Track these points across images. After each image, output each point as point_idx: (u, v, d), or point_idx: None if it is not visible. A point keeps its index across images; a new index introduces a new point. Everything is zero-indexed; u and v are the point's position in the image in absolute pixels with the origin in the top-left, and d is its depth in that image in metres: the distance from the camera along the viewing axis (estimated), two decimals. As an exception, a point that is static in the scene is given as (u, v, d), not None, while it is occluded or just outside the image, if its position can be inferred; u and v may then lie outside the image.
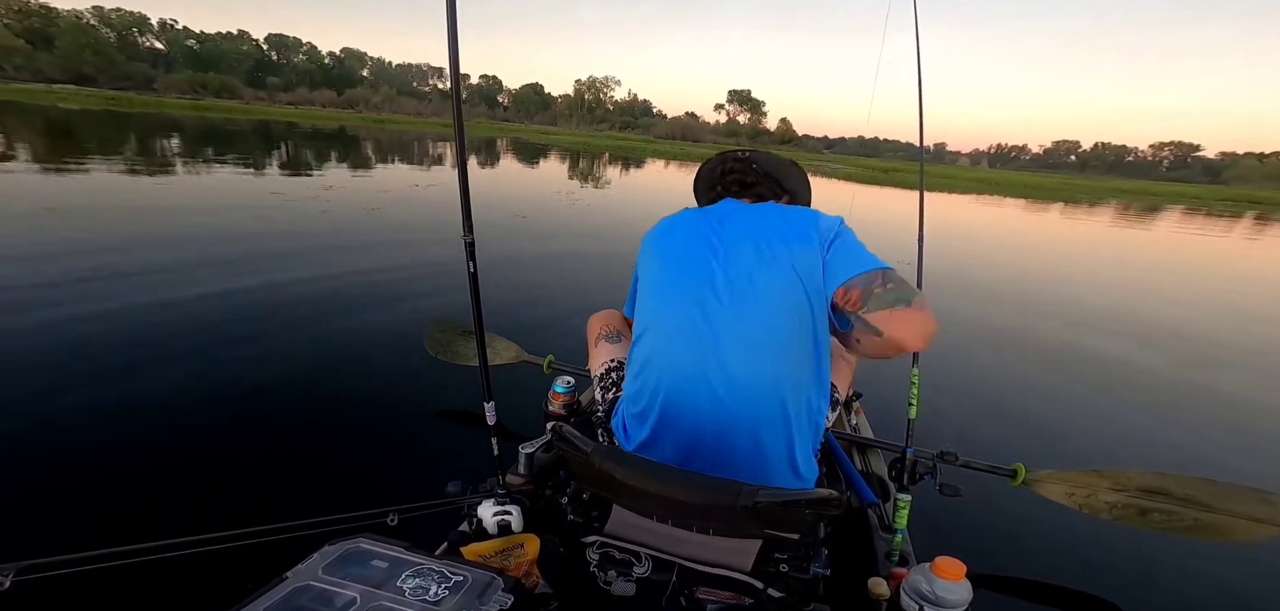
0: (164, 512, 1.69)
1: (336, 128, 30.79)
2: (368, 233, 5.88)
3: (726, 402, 1.00)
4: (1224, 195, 28.24)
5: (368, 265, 4.50)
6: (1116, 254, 10.14)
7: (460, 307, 3.42)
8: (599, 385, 1.39)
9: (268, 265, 4.25)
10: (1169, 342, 4.48)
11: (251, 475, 1.90)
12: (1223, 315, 5.73)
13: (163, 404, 2.25)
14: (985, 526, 1.92)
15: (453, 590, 0.77)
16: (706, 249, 1.08)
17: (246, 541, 0.86)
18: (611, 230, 7.46)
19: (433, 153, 19.24)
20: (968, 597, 0.93)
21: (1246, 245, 12.72)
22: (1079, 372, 3.60)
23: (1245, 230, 16.27)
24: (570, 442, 0.93)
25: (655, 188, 14.97)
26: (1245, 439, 2.86)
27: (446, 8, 0.94)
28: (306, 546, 0.83)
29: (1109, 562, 1.82)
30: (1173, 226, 15.99)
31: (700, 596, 0.97)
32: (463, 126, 1.04)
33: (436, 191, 9.16)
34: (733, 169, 1.26)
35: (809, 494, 0.85)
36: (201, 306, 3.30)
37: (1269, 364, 4.18)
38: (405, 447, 2.14)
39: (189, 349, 2.75)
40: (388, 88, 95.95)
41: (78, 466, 1.84)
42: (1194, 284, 7.63)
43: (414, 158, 16.79)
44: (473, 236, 1.07)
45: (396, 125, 43.35)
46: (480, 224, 1.08)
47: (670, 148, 52.52)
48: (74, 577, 0.70)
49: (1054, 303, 5.61)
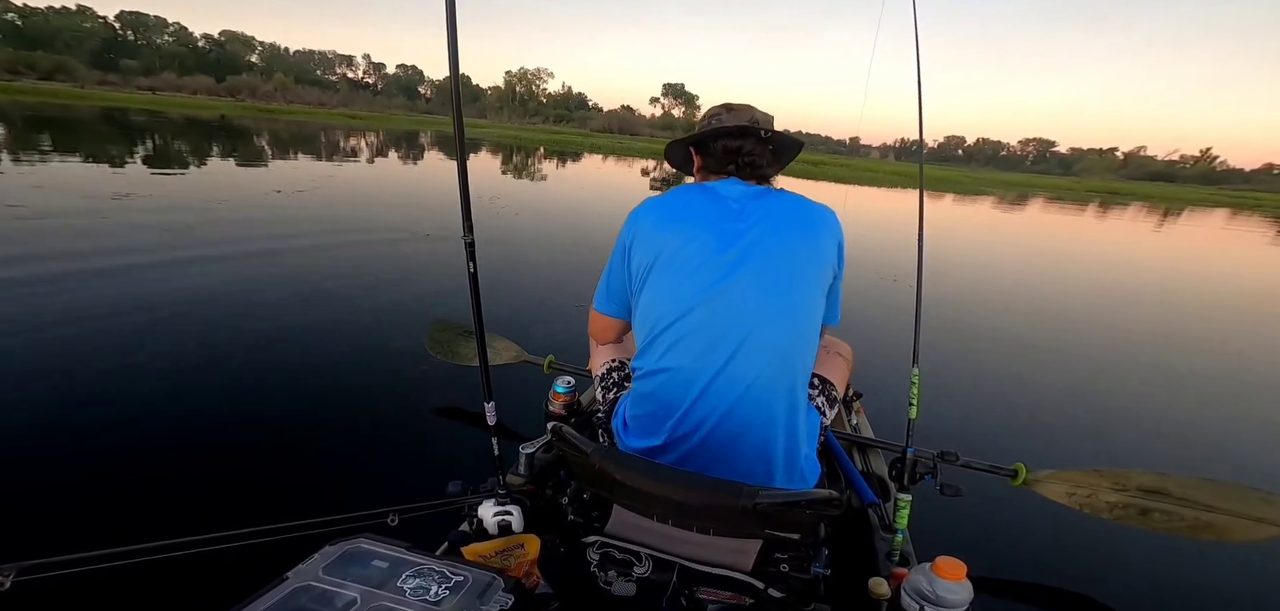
0: (165, 513, 1.69)
1: (217, 117, 28.02)
2: (368, 232, 5.88)
3: (732, 403, 1.00)
4: (1086, 187, 34.77)
5: (369, 264, 4.51)
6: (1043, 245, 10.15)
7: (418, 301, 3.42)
8: (600, 385, 1.38)
9: (268, 266, 4.26)
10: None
11: (252, 475, 1.90)
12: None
13: (163, 404, 2.25)
14: (986, 526, 1.92)
15: (453, 590, 0.77)
16: (722, 243, 1.03)
17: (247, 541, 0.86)
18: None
19: (346, 146, 17.89)
20: (968, 597, 0.92)
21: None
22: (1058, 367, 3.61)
23: (1126, 218, 17.70)
24: (570, 443, 0.93)
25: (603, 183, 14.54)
26: (1245, 437, 2.86)
27: (446, 7, 0.94)
28: (307, 546, 0.83)
29: (1109, 562, 1.82)
30: (1057, 213, 17.32)
31: (701, 596, 0.97)
32: (462, 126, 1.03)
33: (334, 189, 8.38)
34: (750, 152, 1.14)
35: (809, 494, 0.85)
36: (201, 307, 3.30)
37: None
38: (406, 448, 2.14)
39: (189, 350, 2.75)
40: (283, 75, 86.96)
41: (78, 467, 1.84)
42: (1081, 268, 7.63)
43: (320, 152, 15.26)
44: (473, 236, 1.07)
45: (292, 116, 39.32)
46: (427, 223, 1.06)
47: (608, 142, 48.46)
48: (75, 578, 0.70)
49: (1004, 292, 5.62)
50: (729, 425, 1.00)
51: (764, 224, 1.04)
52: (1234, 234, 15.84)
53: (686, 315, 1.02)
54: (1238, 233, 16.37)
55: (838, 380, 1.33)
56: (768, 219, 1.05)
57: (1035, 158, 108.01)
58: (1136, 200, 29.74)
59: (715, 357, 1.00)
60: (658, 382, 1.04)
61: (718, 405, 1.00)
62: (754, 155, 1.14)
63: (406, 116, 67.27)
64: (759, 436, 1.01)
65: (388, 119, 51.66)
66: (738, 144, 1.14)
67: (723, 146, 1.15)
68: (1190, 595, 1.74)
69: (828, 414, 1.26)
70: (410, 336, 2.93)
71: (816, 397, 1.23)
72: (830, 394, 1.27)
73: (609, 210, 9.39)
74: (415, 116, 70.21)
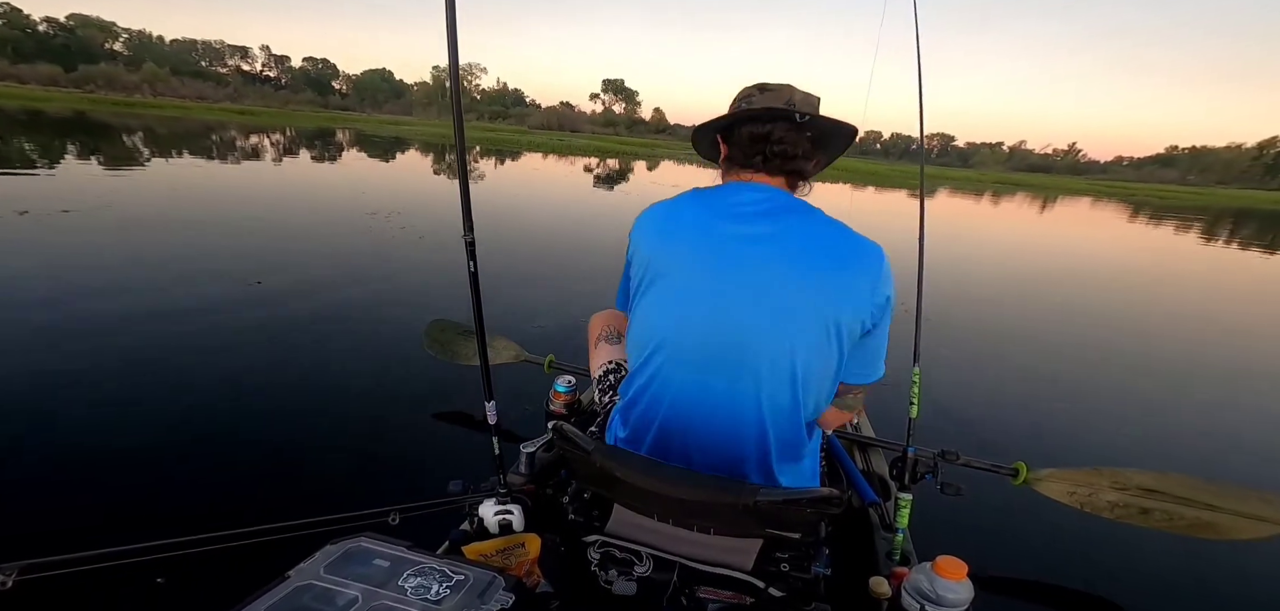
0: (165, 512, 1.70)
1: (72, 112, 24.95)
2: (368, 233, 5.88)
3: (734, 403, 0.97)
4: (985, 178, 39.14)
5: (369, 264, 4.51)
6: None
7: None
8: (598, 387, 1.37)
9: (268, 265, 4.26)
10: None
11: (253, 474, 1.90)
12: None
13: (164, 405, 2.25)
14: (987, 525, 1.92)
15: (454, 589, 0.77)
16: (719, 270, 0.92)
17: (248, 541, 0.86)
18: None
19: (245, 146, 15.98)
20: (969, 597, 0.92)
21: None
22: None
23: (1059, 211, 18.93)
24: (572, 441, 0.93)
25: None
26: (1246, 437, 2.86)
27: (445, 8, 0.94)
28: (308, 545, 0.83)
29: (1110, 562, 1.82)
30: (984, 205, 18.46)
31: (701, 595, 0.96)
32: (463, 126, 1.03)
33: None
34: (781, 140, 0.96)
35: (810, 493, 0.85)
36: (201, 306, 3.30)
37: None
38: (407, 447, 2.14)
39: (189, 350, 2.75)
40: (155, 66, 74.65)
41: (79, 467, 1.84)
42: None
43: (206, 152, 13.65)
44: (473, 236, 1.07)
45: (158, 110, 34.30)
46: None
47: (547, 140, 43.54)
48: (76, 577, 0.70)
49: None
50: (733, 425, 0.96)
51: (775, 249, 0.90)
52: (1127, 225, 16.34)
53: (691, 323, 0.93)
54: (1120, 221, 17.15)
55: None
56: (781, 244, 0.91)
57: (939, 151, 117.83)
58: (1023, 189, 32.19)
59: (720, 363, 0.93)
60: (653, 398, 0.99)
61: (723, 405, 0.95)
62: (785, 143, 0.96)
63: (311, 112, 60.25)
64: (762, 436, 0.99)
65: (291, 116, 46.24)
66: (767, 128, 0.96)
67: (749, 132, 0.98)
68: (1190, 594, 1.74)
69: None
70: (410, 336, 2.93)
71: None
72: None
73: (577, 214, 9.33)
74: (329, 113, 63.47)
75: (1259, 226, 18.95)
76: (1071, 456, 2.10)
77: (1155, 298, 6.30)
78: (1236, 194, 53.37)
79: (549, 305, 3.90)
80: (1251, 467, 2.58)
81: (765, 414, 0.93)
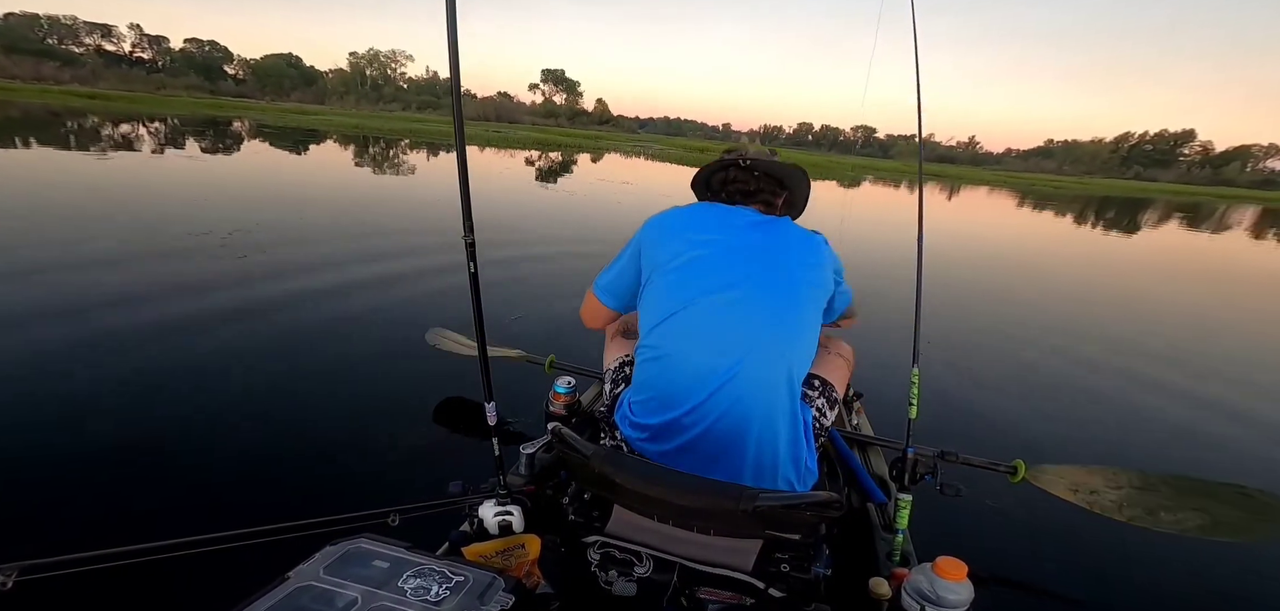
0: (165, 512, 1.69)
1: None
2: (368, 231, 5.88)
3: (733, 399, 1.01)
4: (908, 169, 40.33)
5: (370, 264, 4.50)
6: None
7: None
8: (609, 379, 1.41)
9: (267, 265, 4.25)
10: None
11: (253, 475, 1.90)
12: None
13: (164, 405, 2.25)
14: (987, 526, 1.92)
15: (454, 590, 0.77)
16: (731, 252, 1.11)
17: (247, 541, 0.85)
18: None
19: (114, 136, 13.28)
20: (969, 597, 0.92)
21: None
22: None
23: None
24: (570, 445, 0.93)
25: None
26: (1246, 436, 2.86)
27: (446, 7, 0.94)
28: (308, 546, 0.83)
29: (1110, 561, 1.82)
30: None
31: (701, 596, 0.97)
32: (463, 126, 1.03)
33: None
34: (736, 179, 1.28)
35: (810, 496, 0.85)
36: (200, 307, 3.29)
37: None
38: (406, 448, 2.14)
39: (189, 350, 2.75)
40: None
41: (79, 467, 1.84)
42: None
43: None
44: (474, 237, 1.07)
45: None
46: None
47: (484, 132, 40.16)
48: (76, 578, 0.70)
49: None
50: (729, 421, 1.02)
51: (767, 240, 1.14)
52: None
53: (692, 305, 1.07)
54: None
55: (838, 381, 1.34)
56: (769, 238, 1.15)
57: (863, 142, 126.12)
58: (936, 180, 33.72)
59: (719, 352, 1.04)
60: (660, 368, 1.09)
61: (720, 399, 1.03)
62: (739, 182, 1.27)
63: (190, 98, 51.52)
64: (760, 433, 1.02)
65: (164, 102, 40.06)
66: (726, 171, 1.29)
67: (718, 177, 1.31)
68: (1190, 593, 1.74)
69: (828, 415, 1.27)
70: (411, 336, 2.93)
71: (817, 398, 1.25)
72: (831, 395, 1.29)
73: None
74: (218, 100, 54.09)
75: (1120, 211, 20.20)
76: (1065, 456, 2.10)
77: (1082, 282, 6.32)
78: (1106, 183, 63.44)
79: (522, 299, 3.90)
80: (1252, 467, 2.58)
81: (775, 364, 1.06)
